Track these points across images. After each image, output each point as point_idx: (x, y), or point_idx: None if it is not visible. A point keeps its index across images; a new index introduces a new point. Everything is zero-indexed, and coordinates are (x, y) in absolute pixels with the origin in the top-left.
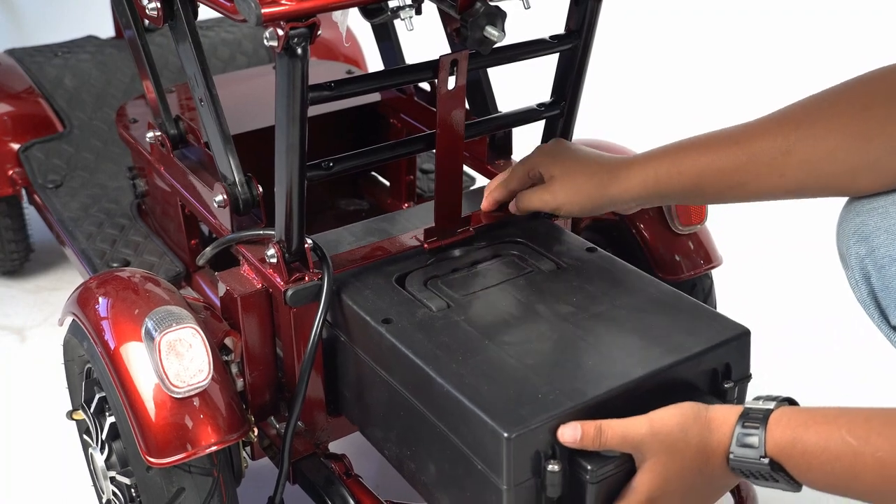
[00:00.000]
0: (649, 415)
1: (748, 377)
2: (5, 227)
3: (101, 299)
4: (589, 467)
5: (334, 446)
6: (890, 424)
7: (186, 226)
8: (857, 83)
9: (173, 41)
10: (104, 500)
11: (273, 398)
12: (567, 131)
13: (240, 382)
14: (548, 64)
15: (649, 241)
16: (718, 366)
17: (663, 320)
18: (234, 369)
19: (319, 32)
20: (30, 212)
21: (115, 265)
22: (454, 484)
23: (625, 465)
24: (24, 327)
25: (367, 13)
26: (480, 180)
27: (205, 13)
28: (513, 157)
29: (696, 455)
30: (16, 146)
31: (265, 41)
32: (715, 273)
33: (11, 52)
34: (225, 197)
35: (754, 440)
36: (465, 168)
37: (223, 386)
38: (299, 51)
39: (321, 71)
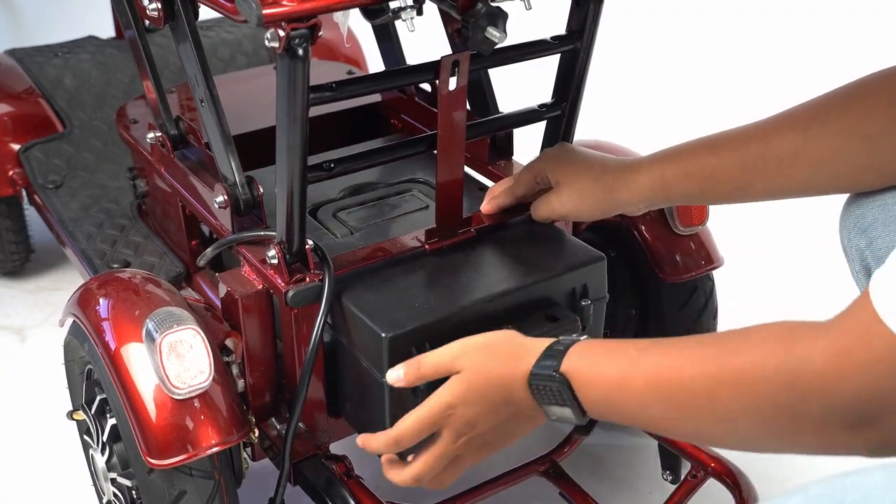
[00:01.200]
0: (464, 339)
1: (604, 298)
2: (6, 228)
3: (101, 300)
4: None
5: (335, 447)
6: (663, 343)
7: (187, 226)
8: (862, 85)
9: (174, 41)
10: (105, 502)
11: (274, 399)
12: (568, 132)
13: (241, 383)
14: (549, 64)
15: (650, 242)
16: (577, 286)
17: (536, 249)
18: (235, 370)
19: (321, 33)
20: (30, 212)
21: (115, 266)
22: (354, 391)
23: None
24: (24, 327)
25: (369, 14)
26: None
27: (205, 13)
28: (514, 157)
29: (501, 372)
30: (16, 146)
31: (266, 42)
32: (716, 274)
33: (11, 53)
34: (226, 197)
35: (553, 362)
36: (466, 168)
37: (224, 387)
38: (300, 52)
39: (322, 71)
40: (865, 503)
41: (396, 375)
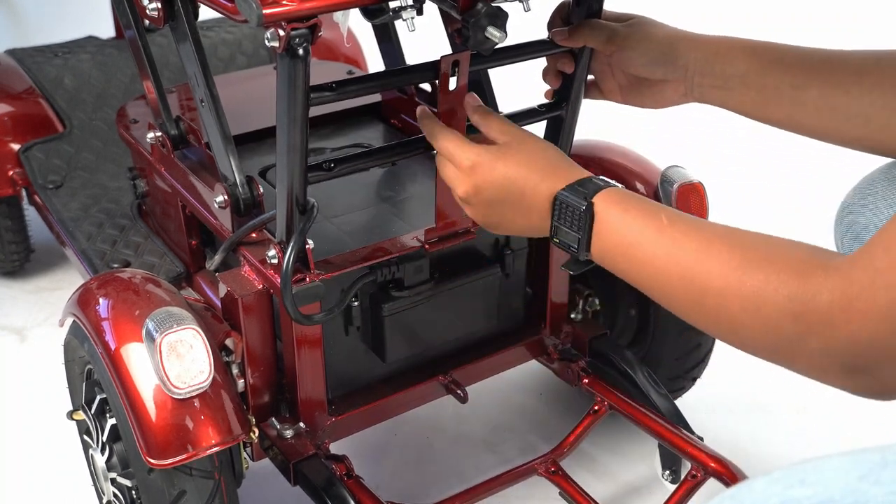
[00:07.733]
0: (520, 129)
1: (525, 248)
2: (5, 228)
3: (101, 300)
4: (384, 305)
5: (335, 447)
6: (694, 225)
7: (187, 226)
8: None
9: (174, 41)
10: (105, 502)
11: (274, 399)
12: (569, 132)
13: (240, 383)
14: None
15: None
16: (500, 237)
17: None
18: (235, 370)
19: (321, 33)
20: (30, 212)
21: (115, 266)
22: None
23: (417, 301)
24: (24, 327)
25: (369, 14)
26: None
27: (205, 13)
28: None
29: (533, 175)
30: (16, 146)
31: (266, 42)
32: None
33: (11, 53)
34: (226, 197)
35: (586, 190)
36: None
37: (224, 387)
38: (300, 51)
39: (322, 71)
40: (824, 483)
41: (475, 100)
